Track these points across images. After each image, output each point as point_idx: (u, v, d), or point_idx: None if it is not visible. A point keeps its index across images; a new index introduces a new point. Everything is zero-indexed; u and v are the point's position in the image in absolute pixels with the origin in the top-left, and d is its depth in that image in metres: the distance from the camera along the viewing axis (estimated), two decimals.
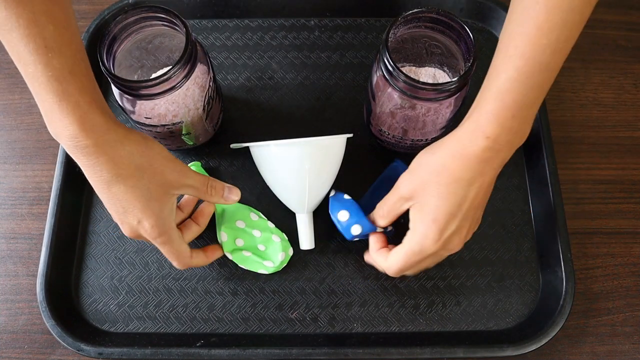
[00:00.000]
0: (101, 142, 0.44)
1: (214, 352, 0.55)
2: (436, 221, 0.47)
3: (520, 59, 0.43)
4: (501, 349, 0.55)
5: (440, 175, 0.47)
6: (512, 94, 0.43)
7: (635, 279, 0.61)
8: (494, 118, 0.44)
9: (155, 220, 0.48)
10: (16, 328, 0.59)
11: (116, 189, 0.46)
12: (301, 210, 0.58)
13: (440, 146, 0.48)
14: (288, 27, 0.70)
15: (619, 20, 0.72)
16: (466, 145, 0.45)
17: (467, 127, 0.46)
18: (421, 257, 0.49)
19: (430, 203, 0.47)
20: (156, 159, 0.48)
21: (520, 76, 0.43)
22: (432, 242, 0.48)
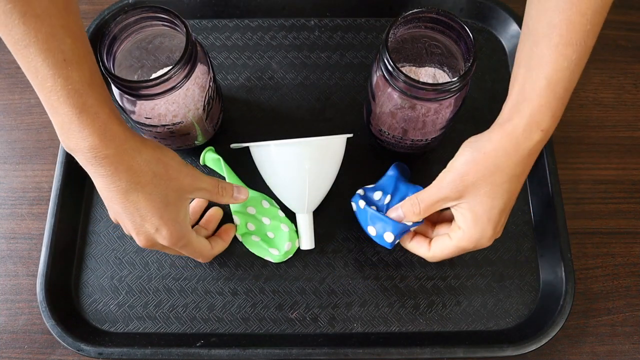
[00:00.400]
0: (121, 151, 0.45)
1: (214, 352, 0.55)
2: (491, 220, 0.48)
3: (568, 46, 0.42)
4: (501, 349, 0.55)
5: (494, 175, 0.46)
6: (563, 83, 0.43)
7: (635, 279, 0.61)
8: (548, 111, 0.44)
9: (173, 226, 0.49)
10: (16, 328, 0.59)
11: (134, 197, 0.46)
12: (301, 210, 0.58)
13: (489, 142, 0.46)
14: (288, 27, 0.70)
15: (619, 20, 0.72)
16: (520, 142, 0.45)
17: (518, 123, 0.45)
18: (472, 251, 0.51)
19: (484, 203, 0.47)
20: (171, 165, 0.48)
21: (571, 65, 0.42)
22: (488, 240, 0.49)
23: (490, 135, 0.47)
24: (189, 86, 0.53)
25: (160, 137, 0.58)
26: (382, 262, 0.60)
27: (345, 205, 0.62)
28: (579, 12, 0.41)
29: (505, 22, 0.68)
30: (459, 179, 0.47)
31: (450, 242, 0.50)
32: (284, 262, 0.60)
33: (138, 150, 0.46)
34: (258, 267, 0.60)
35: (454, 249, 0.50)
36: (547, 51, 0.43)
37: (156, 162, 0.47)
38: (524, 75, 0.45)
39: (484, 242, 0.49)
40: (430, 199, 0.50)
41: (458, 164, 0.48)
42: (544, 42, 0.43)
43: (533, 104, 0.44)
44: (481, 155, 0.46)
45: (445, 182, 0.49)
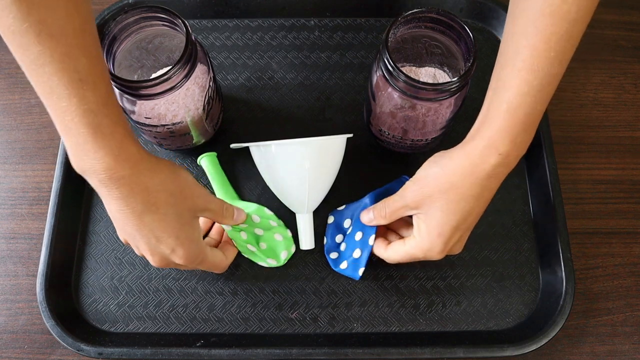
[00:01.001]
0: (136, 171, 0.44)
1: (214, 352, 0.55)
2: (442, 235, 0.48)
3: (530, 72, 0.42)
4: (501, 349, 0.55)
5: (448, 192, 0.47)
6: (523, 109, 0.43)
7: (635, 279, 0.61)
8: (506, 135, 0.44)
9: (189, 245, 0.49)
10: (16, 328, 0.59)
11: (149, 219, 0.46)
12: (301, 210, 0.58)
13: (449, 160, 0.47)
14: (288, 27, 0.70)
15: (619, 20, 0.72)
16: (477, 163, 0.45)
17: (477, 144, 0.45)
18: (421, 260, 0.52)
19: (436, 217, 0.48)
20: (185, 185, 0.48)
21: (531, 90, 0.43)
22: (436, 253, 0.50)
23: (452, 154, 0.47)
24: (189, 86, 0.53)
25: (160, 137, 0.58)
26: (382, 262, 0.60)
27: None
28: (543, 39, 0.41)
29: (505, 22, 0.68)
30: (418, 190, 0.49)
31: (402, 247, 0.52)
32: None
33: (154, 170, 0.45)
34: (258, 267, 0.60)
35: (404, 254, 0.52)
36: (510, 75, 0.43)
37: (171, 181, 0.47)
38: (491, 97, 0.46)
39: (433, 254, 0.50)
40: (395, 205, 0.52)
41: (421, 176, 0.50)
42: (509, 66, 0.43)
43: (493, 127, 0.44)
44: (440, 171, 0.48)
45: (408, 190, 0.50)
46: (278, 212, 0.62)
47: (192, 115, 0.56)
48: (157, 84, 0.50)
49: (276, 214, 0.62)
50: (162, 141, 0.59)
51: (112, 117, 0.42)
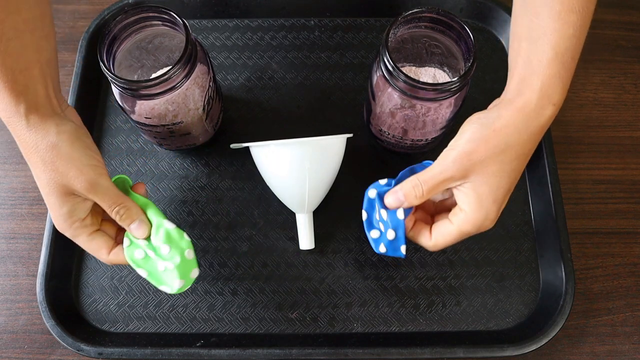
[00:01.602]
0: (10, 122, 0.46)
1: (214, 352, 0.55)
2: (496, 202, 0.45)
3: (572, 13, 0.40)
4: (501, 349, 0.55)
5: (504, 153, 0.43)
6: (570, 52, 0.41)
7: (635, 279, 0.61)
8: (558, 82, 0.42)
9: (54, 215, 0.49)
10: (16, 328, 0.59)
11: (31, 170, 0.48)
12: (301, 210, 0.58)
13: (498, 119, 0.44)
14: (288, 27, 0.70)
15: (619, 20, 0.72)
16: (532, 118, 0.43)
17: (529, 98, 0.43)
18: (474, 234, 0.48)
19: (490, 183, 0.44)
20: (61, 160, 0.46)
21: (576, 31, 0.41)
22: (491, 222, 0.46)
23: (500, 112, 0.44)
24: (189, 86, 0.53)
25: (160, 137, 0.58)
26: (382, 262, 0.60)
27: (346, 205, 0.62)
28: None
29: (505, 22, 0.68)
30: (466, 158, 0.44)
31: (451, 226, 0.47)
32: (283, 262, 0.60)
33: (27, 129, 0.46)
34: (258, 267, 0.60)
35: (456, 234, 0.47)
36: (549, 20, 0.41)
37: (45, 148, 0.46)
38: (527, 48, 0.43)
39: (487, 224, 0.46)
40: (435, 180, 0.46)
41: (463, 141, 0.45)
42: (544, 12, 0.41)
43: (543, 77, 0.42)
44: (490, 132, 0.44)
45: (450, 160, 0.45)
46: (278, 212, 0.62)
47: (192, 115, 0.56)
48: (157, 84, 0.50)
49: (276, 214, 0.61)
50: (162, 141, 0.59)
51: (7, 68, 0.44)
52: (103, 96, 0.67)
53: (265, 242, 0.61)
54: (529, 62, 0.43)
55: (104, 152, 0.64)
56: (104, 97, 0.67)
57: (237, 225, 0.61)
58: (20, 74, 0.45)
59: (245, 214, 0.62)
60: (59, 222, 0.49)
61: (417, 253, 0.60)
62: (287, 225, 0.61)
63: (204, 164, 0.64)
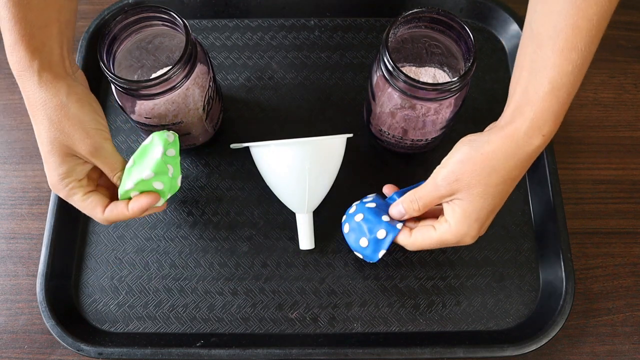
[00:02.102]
0: (21, 76, 0.47)
1: (214, 352, 0.55)
2: (479, 220, 0.48)
3: (573, 51, 0.42)
4: (501, 349, 0.55)
5: (490, 176, 0.46)
6: (566, 88, 0.43)
7: (635, 279, 0.61)
8: (550, 115, 0.43)
9: (51, 174, 0.49)
10: (16, 328, 0.59)
11: (33, 124, 0.48)
12: (301, 210, 0.58)
13: (487, 144, 0.46)
14: (288, 27, 0.70)
15: (619, 20, 0.72)
16: (520, 145, 0.44)
17: (520, 126, 0.44)
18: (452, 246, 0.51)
19: (475, 202, 0.47)
20: (68, 121, 0.47)
21: (575, 69, 0.42)
22: (471, 238, 0.49)
23: (490, 137, 0.46)
24: (189, 86, 0.53)
25: None
26: (382, 262, 0.60)
27: (346, 205, 0.62)
28: (586, 17, 0.41)
29: (505, 22, 0.68)
30: (454, 177, 0.47)
31: (434, 233, 0.50)
32: (283, 262, 0.60)
33: (38, 86, 0.47)
34: (258, 267, 0.60)
35: (436, 241, 0.50)
36: (551, 55, 0.43)
37: (54, 108, 0.47)
38: (527, 78, 0.45)
39: (467, 239, 0.49)
40: (428, 197, 0.50)
41: (453, 162, 0.48)
42: (548, 46, 0.43)
43: (536, 108, 0.44)
44: (479, 155, 0.46)
45: (440, 179, 0.48)
46: (278, 212, 0.62)
47: (192, 115, 0.56)
48: (157, 84, 0.50)
49: (276, 214, 0.62)
50: None
51: (19, 14, 0.45)
52: (103, 96, 0.67)
53: (265, 242, 0.61)
54: (526, 92, 0.45)
55: None
56: (104, 97, 0.67)
57: (237, 225, 0.61)
58: (39, 30, 0.46)
59: (245, 214, 0.62)
60: (54, 180, 0.49)
61: (417, 253, 0.60)
62: (287, 225, 0.61)
63: (204, 164, 0.64)
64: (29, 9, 0.45)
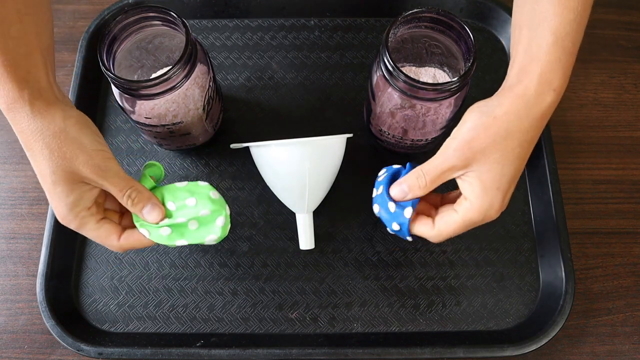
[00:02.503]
0: (12, 109, 0.44)
1: (214, 352, 0.55)
2: (500, 189, 0.45)
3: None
4: (501, 349, 0.55)
5: (505, 140, 0.43)
6: (571, 37, 0.41)
7: (635, 279, 0.61)
8: (559, 68, 0.42)
9: (59, 205, 0.47)
10: (16, 328, 0.59)
11: (31, 161, 0.46)
12: (301, 210, 0.58)
13: (499, 107, 0.44)
14: (288, 27, 0.70)
15: (619, 20, 0.72)
16: (533, 104, 0.43)
17: (529, 84, 0.43)
18: (480, 224, 0.47)
19: (493, 170, 0.44)
20: (69, 146, 0.45)
21: (577, 17, 0.41)
22: (496, 211, 0.46)
23: (500, 100, 0.44)
24: (189, 86, 0.53)
25: (160, 137, 0.58)
26: (382, 262, 0.60)
27: (345, 205, 0.62)
28: None
29: (505, 22, 0.69)
30: (467, 146, 0.44)
31: (456, 215, 0.47)
32: (283, 262, 0.60)
33: (32, 116, 0.44)
34: (258, 267, 0.60)
35: (461, 223, 0.47)
36: (550, 6, 0.41)
37: (52, 135, 0.45)
38: (527, 35, 0.43)
39: (492, 213, 0.45)
40: (437, 170, 0.46)
41: (465, 130, 0.45)
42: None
43: (542, 62, 0.42)
44: (491, 119, 0.44)
45: (451, 150, 0.45)
46: (278, 212, 0.62)
47: (192, 115, 0.56)
48: (157, 84, 0.50)
49: (276, 214, 0.62)
50: (162, 141, 0.59)
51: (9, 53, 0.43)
52: (103, 96, 0.67)
53: (265, 242, 0.61)
54: (529, 49, 0.43)
55: None
56: (104, 97, 0.67)
57: (237, 225, 0.61)
58: (23, 59, 0.44)
59: (245, 214, 0.62)
60: (63, 212, 0.47)
61: (417, 253, 0.60)
62: (287, 225, 0.61)
63: (204, 164, 0.64)
64: (9, 38, 0.43)
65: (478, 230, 0.56)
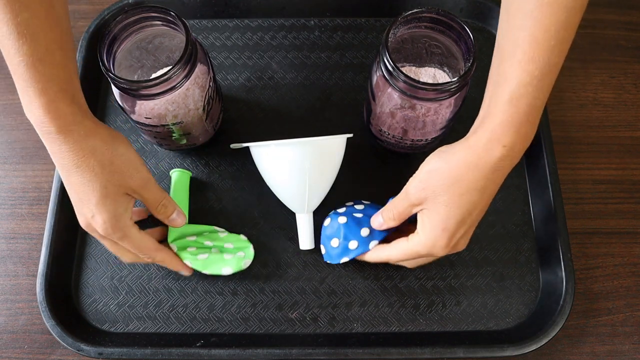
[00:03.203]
0: (66, 131, 0.46)
1: (214, 352, 0.55)
2: (446, 230, 0.48)
3: (531, 62, 0.42)
4: (501, 349, 0.55)
5: (453, 186, 0.46)
6: (526, 99, 0.43)
7: (635, 279, 0.61)
8: (510, 126, 0.44)
9: (108, 217, 0.49)
10: (16, 328, 0.59)
11: (75, 179, 0.48)
12: (301, 210, 0.58)
13: (453, 154, 0.47)
14: (288, 27, 0.70)
15: (619, 20, 0.72)
16: (481, 156, 0.45)
17: (480, 137, 0.45)
18: (425, 258, 0.52)
19: (440, 212, 0.48)
20: (119, 160, 0.49)
21: (533, 80, 0.43)
22: (441, 249, 0.49)
23: (455, 148, 0.47)
24: (189, 86, 0.53)
25: (160, 137, 0.58)
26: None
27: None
28: (543, 29, 0.42)
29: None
30: (422, 186, 0.48)
31: (405, 244, 0.51)
32: (283, 262, 0.60)
33: (86, 135, 0.47)
34: (258, 267, 0.60)
35: (407, 251, 0.51)
36: (510, 68, 0.44)
37: (103, 152, 0.48)
38: (491, 91, 0.46)
39: (437, 250, 0.49)
40: (401, 205, 0.51)
41: (423, 172, 0.49)
42: (508, 59, 0.44)
43: (495, 119, 0.45)
44: (444, 165, 0.47)
45: (411, 187, 0.50)
46: (278, 212, 0.62)
47: (192, 115, 0.56)
48: (157, 84, 0.50)
49: (276, 214, 0.62)
50: (162, 141, 0.59)
51: (48, 73, 0.45)
52: (103, 96, 0.67)
53: (265, 242, 0.61)
54: (489, 105, 0.46)
55: None
56: (104, 97, 0.67)
57: (237, 225, 0.61)
58: (68, 84, 0.47)
59: (245, 214, 0.62)
60: (112, 223, 0.50)
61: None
62: (287, 225, 0.61)
63: (204, 164, 0.64)
64: (55, 66, 0.45)
65: (478, 230, 0.57)
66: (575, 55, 0.45)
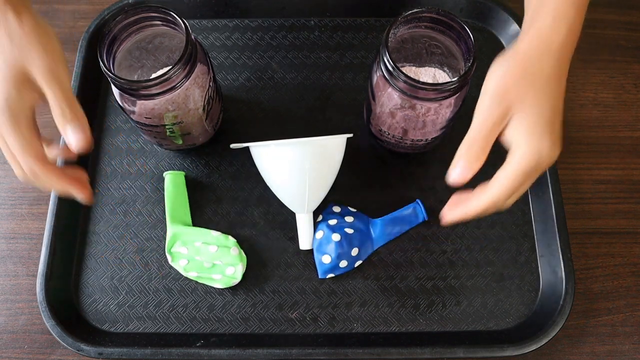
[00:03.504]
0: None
1: (214, 352, 0.55)
2: (547, 125, 0.44)
3: None
4: (501, 349, 0.55)
5: (534, 77, 0.44)
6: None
7: (635, 279, 0.61)
8: (571, 5, 0.44)
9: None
10: (16, 328, 0.59)
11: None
12: (301, 210, 0.58)
13: (520, 47, 0.45)
14: (288, 27, 0.70)
15: (619, 20, 0.72)
16: (551, 38, 0.44)
17: (544, 21, 0.44)
18: (537, 171, 0.45)
19: (532, 112, 0.44)
20: (21, 42, 0.45)
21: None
22: (549, 150, 0.44)
23: (517, 44, 0.45)
24: (189, 86, 0.53)
25: (160, 137, 0.58)
26: (382, 262, 0.60)
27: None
28: None
29: (505, 22, 0.68)
30: (502, 92, 0.44)
31: (509, 167, 0.44)
32: (283, 262, 0.60)
33: (12, 6, 0.45)
34: (258, 267, 0.60)
35: (514, 174, 0.44)
36: None
37: (16, 27, 0.45)
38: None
39: (545, 154, 0.43)
40: (484, 129, 0.44)
41: (492, 82, 0.45)
42: None
43: (555, 2, 0.44)
44: (513, 62, 0.44)
45: (486, 107, 0.44)
46: (278, 212, 0.62)
47: (192, 115, 0.56)
48: (157, 84, 0.50)
49: (276, 214, 0.62)
50: (162, 141, 0.59)
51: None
52: (103, 96, 0.67)
53: (265, 242, 0.61)
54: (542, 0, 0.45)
55: (104, 152, 0.64)
56: (104, 97, 0.67)
57: (237, 225, 0.61)
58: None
59: (245, 214, 0.62)
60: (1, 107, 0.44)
61: (417, 253, 0.60)
62: (287, 225, 0.61)
63: (204, 164, 0.64)
64: None
65: (478, 230, 0.56)
66: (575, 55, 0.45)
